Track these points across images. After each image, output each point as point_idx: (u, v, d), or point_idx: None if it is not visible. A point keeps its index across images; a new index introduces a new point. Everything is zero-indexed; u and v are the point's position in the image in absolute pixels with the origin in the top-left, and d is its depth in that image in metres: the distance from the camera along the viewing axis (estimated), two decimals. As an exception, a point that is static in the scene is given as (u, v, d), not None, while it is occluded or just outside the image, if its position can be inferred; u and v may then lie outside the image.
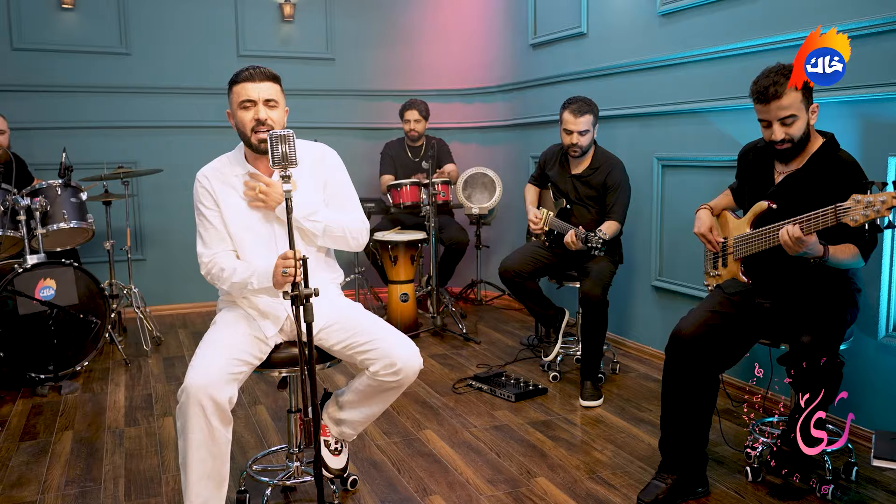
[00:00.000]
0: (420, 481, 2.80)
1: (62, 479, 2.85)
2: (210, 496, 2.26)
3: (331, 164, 2.68)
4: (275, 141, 2.16)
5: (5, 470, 2.94)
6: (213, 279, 2.48)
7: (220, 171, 2.54)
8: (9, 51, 5.12)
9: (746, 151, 2.83)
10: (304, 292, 2.14)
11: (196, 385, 2.19)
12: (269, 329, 2.45)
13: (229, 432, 2.28)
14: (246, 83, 2.46)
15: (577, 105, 3.73)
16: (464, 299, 5.81)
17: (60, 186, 4.18)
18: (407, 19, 6.06)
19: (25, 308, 3.84)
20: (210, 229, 2.49)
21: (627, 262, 4.26)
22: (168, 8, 5.46)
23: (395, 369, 2.39)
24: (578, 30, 4.71)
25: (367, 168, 5.88)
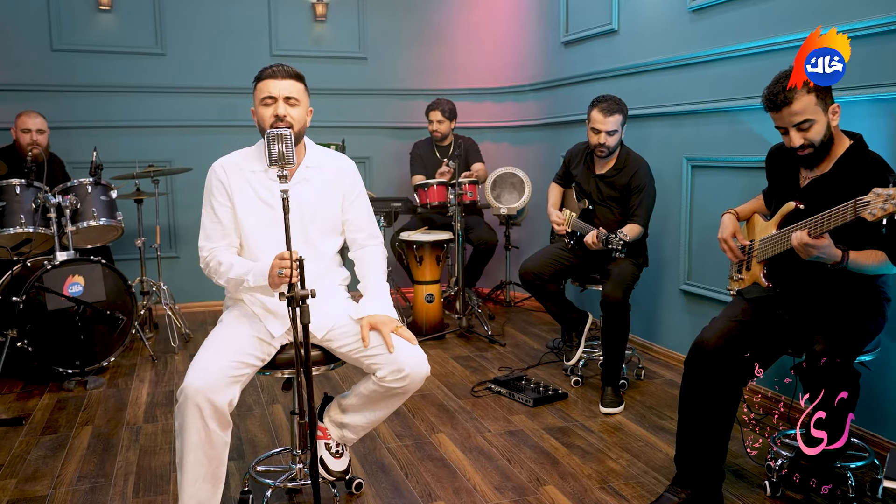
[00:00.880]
0: (426, 486, 2.75)
1: (75, 475, 2.88)
2: (205, 498, 2.25)
3: (350, 177, 2.62)
4: (272, 140, 2.14)
5: (22, 463, 2.99)
6: (211, 272, 2.47)
7: (238, 164, 2.52)
8: (48, 52, 5.24)
9: (773, 153, 2.71)
10: (301, 293, 2.12)
11: (194, 387, 2.17)
12: (277, 329, 2.43)
13: (228, 435, 2.26)
14: (269, 80, 2.45)
15: (606, 104, 3.64)
16: (493, 300, 5.75)
17: (91, 184, 4.25)
18: (439, 18, 6.02)
19: (54, 304, 3.91)
20: (215, 223, 2.48)
21: (655, 265, 4.15)
22: (202, 8, 5.52)
23: (402, 375, 2.36)
24: (609, 27, 4.61)
25: (397, 167, 5.86)
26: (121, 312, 4.11)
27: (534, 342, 4.68)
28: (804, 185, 2.50)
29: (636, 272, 3.64)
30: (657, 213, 3.89)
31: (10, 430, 3.34)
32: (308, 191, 2.50)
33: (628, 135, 4.10)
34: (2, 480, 2.83)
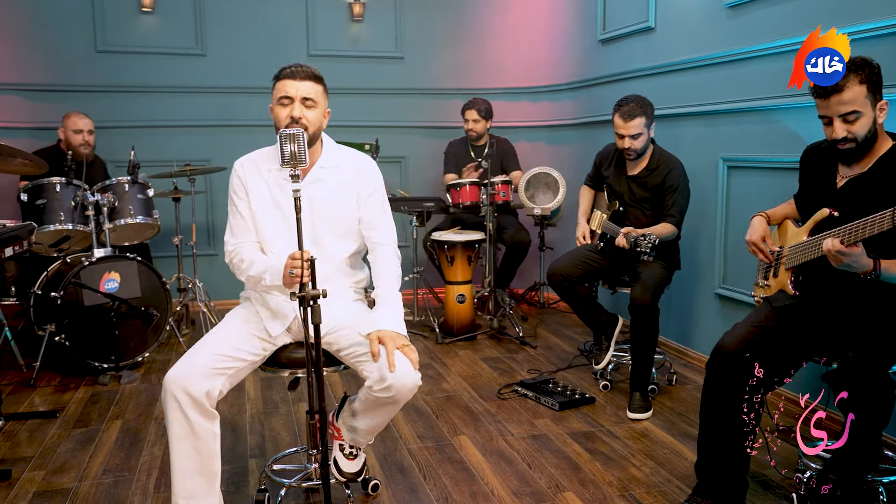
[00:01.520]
0: (443, 489, 2.73)
1: (101, 468, 2.94)
2: (199, 491, 2.27)
3: (365, 176, 2.57)
4: (284, 139, 2.14)
5: (52, 455, 3.06)
6: (234, 269, 2.50)
7: (256, 162, 2.54)
8: (93, 53, 5.37)
9: (808, 153, 2.61)
10: (311, 293, 2.12)
11: (171, 377, 2.21)
12: (275, 328, 2.44)
13: (214, 426, 2.27)
14: (287, 80, 2.45)
15: (627, 108, 3.56)
16: (527, 302, 5.69)
17: (128, 183, 4.34)
18: (476, 17, 5.99)
19: (90, 300, 4.00)
20: (239, 219, 2.51)
21: (689, 268, 4.06)
22: (242, 9, 5.58)
23: (386, 385, 2.27)
24: (646, 24, 4.52)
25: (433, 167, 5.85)
26: (155, 309, 4.19)
27: (566, 345, 4.62)
28: (841, 185, 2.39)
29: (666, 275, 3.56)
30: (692, 215, 3.80)
31: (44, 422, 3.43)
32: (320, 191, 2.49)
33: (663, 134, 4.01)
34: (31, 472, 2.90)
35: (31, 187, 4.16)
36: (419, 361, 2.34)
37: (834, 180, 2.45)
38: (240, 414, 3.52)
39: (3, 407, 3.57)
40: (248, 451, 3.10)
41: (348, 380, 3.95)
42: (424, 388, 3.83)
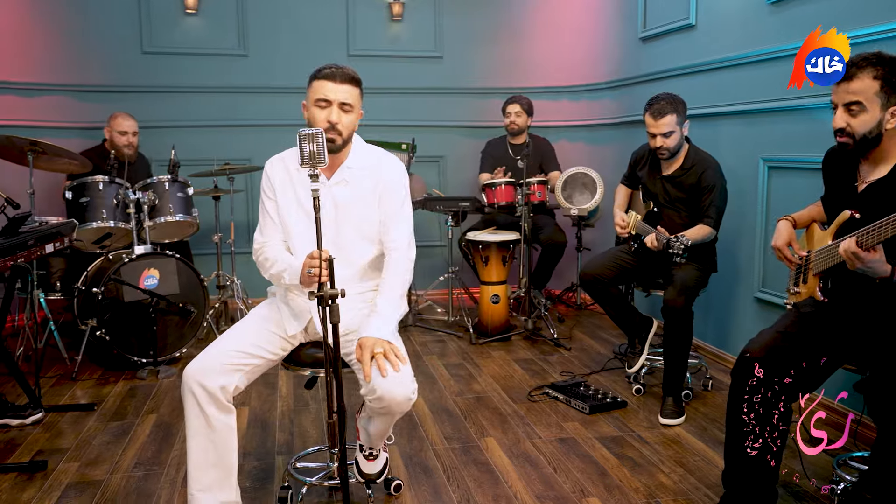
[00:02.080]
0: (466, 491, 2.71)
1: (133, 461, 3.00)
2: (214, 484, 2.29)
3: (389, 178, 2.53)
4: (303, 139, 2.14)
5: (87, 448, 3.14)
6: (259, 266, 2.53)
7: (284, 161, 2.55)
8: (139, 55, 5.49)
9: (830, 154, 2.52)
10: (329, 293, 2.12)
11: (188, 372, 2.25)
12: (293, 327, 2.45)
13: (231, 420, 2.29)
14: (327, 81, 2.44)
15: (657, 106, 3.49)
16: (564, 303, 5.63)
17: (168, 182, 4.43)
18: (515, 16, 5.94)
19: (130, 296, 4.09)
20: (268, 218, 2.53)
21: (728, 271, 3.96)
22: (283, 10, 5.65)
23: (376, 396, 2.23)
24: (687, 21, 4.42)
25: (472, 167, 5.81)
26: (193, 305, 4.26)
27: (601, 347, 4.55)
28: (862, 189, 2.31)
29: (701, 277, 3.47)
30: (731, 216, 3.71)
31: (82, 415, 3.51)
32: (345, 192, 2.49)
33: (702, 134, 3.93)
34: (66, 463, 2.98)
35: (75, 185, 4.27)
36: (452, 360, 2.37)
37: (854, 184, 2.36)
38: (270, 411, 3.56)
39: (45, 399, 3.68)
40: (276, 448, 3.13)
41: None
42: (454, 388, 3.82)
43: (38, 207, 4.57)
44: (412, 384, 2.27)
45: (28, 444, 3.17)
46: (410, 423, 3.35)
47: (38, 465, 2.93)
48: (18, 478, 2.85)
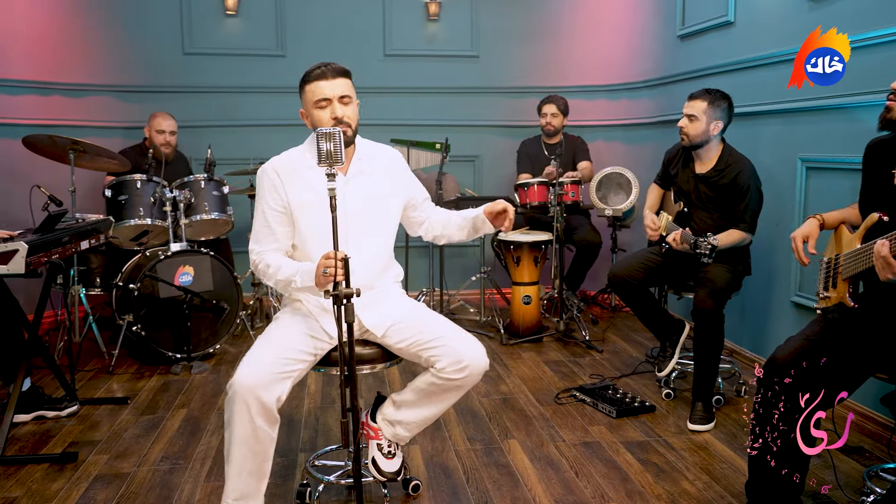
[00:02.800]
0: (484, 493, 2.69)
1: (160, 454, 3.06)
2: (249, 491, 2.31)
3: (402, 167, 2.69)
4: (321, 138, 2.15)
5: (118, 441, 3.21)
6: (260, 274, 2.49)
7: (287, 163, 2.54)
8: (180, 55, 5.60)
9: (871, 147, 2.43)
10: (345, 292, 2.13)
11: (243, 384, 2.22)
12: (333, 327, 2.43)
13: (274, 431, 2.30)
14: (319, 81, 2.47)
15: (696, 91, 3.50)
16: (599, 305, 5.56)
17: (204, 180, 4.50)
18: (553, 14, 5.89)
19: (165, 292, 4.17)
20: (264, 226, 2.50)
21: (764, 274, 3.87)
22: (321, 10, 5.69)
23: (461, 366, 2.36)
24: (725, 18, 4.33)
25: (508, 166, 5.78)
26: (226, 302, 4.32)
27: (633, 350, 4.48)
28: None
29: (732, 280, 3.39)
30: (767, 218, 3.62)
31: (115, 408, 3.59)
32: (366, 184, 2.51)
33: (740, 133, 3.84)
34: (96, 455, 3.05)
35: (114, 183, 4.37)
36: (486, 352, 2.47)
37: (892, 179, 2.26)
38: (298, 408, 3.59)
39: (81, 392, 3.78)
40: (300, 445, 3.15)
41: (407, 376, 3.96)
42: (481, 389, 3.80)
43: (80, 205, 4.70)
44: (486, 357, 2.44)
45: (62, 435, 3.26)
46: (434, 423, 3.29)
47: (69, 456, 3.00)
48: (50, 468, 2.93)
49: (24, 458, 3.01)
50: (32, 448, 3.13)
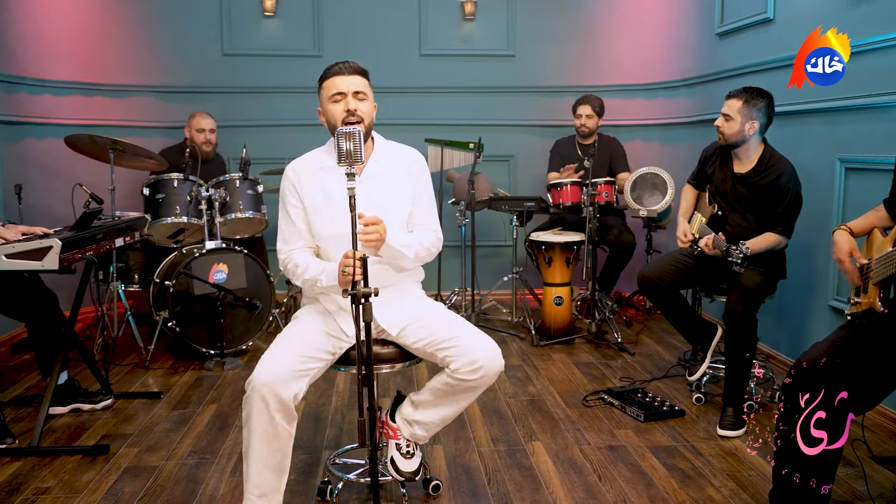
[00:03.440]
0: (505, 495, 2.68)
1: (188, 449, 3.11)
2: (269, 487, 2.33)
3: (419, 172, 2.64)
4: (341, 137, 2.16)
5: (149, 434, 3.27)
6: (289, 274, 2.55)
7: (308, 163, 2.59)
8: (220, 56, 5.69)
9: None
10: (363, 291, 2.13)
11: (261, 381, 2.25)
12: (352, 328, 2.45)
13: (293, 427, 2.32)
14: (335, 77, 2.50)
15: (734, 90, 3.42)
16: (633, 307, 5.48)
17: (239, 179, 4.56)
18: (590, 12, 5.83)
19: (200, 289, 4.24)
20: (290, 225, 2.55)
21: (802, 277, 3.78)
22: (357, 10, 5.73)
23: (476, 367, 2.35)
24: (764, 15, 4.23)
25: (543, 166, 5.74)
26: (259, 300, 4.38)
27: (666, 353, 4.41)
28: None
29: (765, 283, 3.31)
30: (805, 220, 3.52)
31: (148, 402, 3.67)
32: (378, 186, 2.51)
33: (779, 132, 3.75)
34: (127, 448, 3.12)
35: (152, 182, 4.46)
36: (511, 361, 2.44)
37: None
38: (325, 406, 3.62)
39: (117, 386, 3.87)
40: (325, 443, 3.17)
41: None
42: (508, 390, 3.78)
43: (121, 203, 4.82)
44: (500, 357, 2.41)
45: (96, 428, 3.34)
46: (459, 424, 3.34)
47: (100, 448, 3.07)
48: (82, 460, 3.00)
49: (58, 449, 3.10)
50: (67, 440, 3.21)
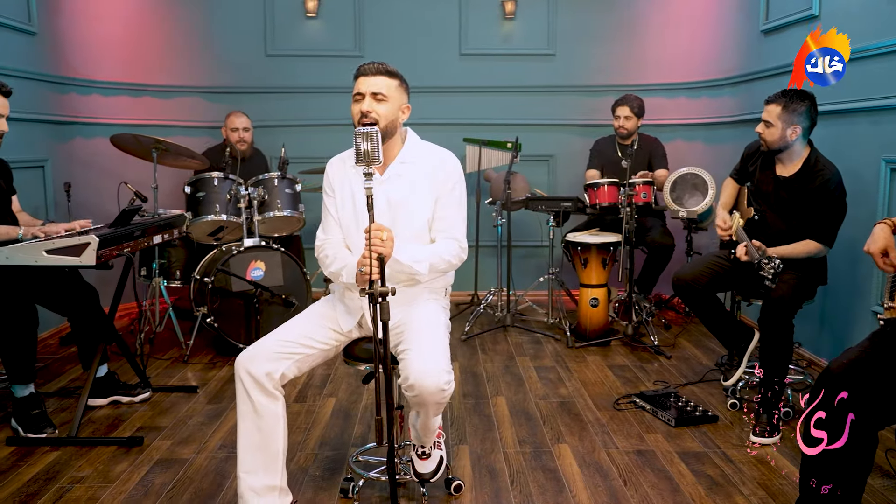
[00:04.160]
0: (528, 497, 2.66)
1: (219, 443, 3.17)
2: (259, 467, 2.37)
3: (447, 176, 2.56)
4: (358, 137, 2.19)
5: (183, 427, 3.34)
6: (321, 263, 2.61)
7: (343, 160, 2.64)
8: (263, 57, 5.78)
9: None
10: (380, 290, 2.15)
11: (239, 359, 2.37)
12: (347, 323, 2.50)
13: (277, 407, 2.36)
14: (360, 77, 2.56)
15: (773, 94, 3.31)
16: (674, 309, 5.39)
17: (278, 178, 4.63)
18: (632, 10, 5.75)
19: (238, 286, 4.32)
20: (328, 216, 2.61)
21: (845, 282, 3.67)
22: (398, 10, 5.76)
23: (409, 384, 2.26)
24: (809, 12, 4.12)
25: (583, 166, 5.69)
26: (295, 297, 4.43)
27: (704, 357, 4.33)
28: None
29: (802, 288, 3.22)
30: (849, 224, 3.41)
31: (185, 396, 3.75)
32: (398, 187, 2.52)
33: (823, 132, 3.64)
34: (160, 440, 3.19)
35: (193, 181, 4.56)
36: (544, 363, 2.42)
37: None
38: (356, 403, 3.65)
39: (156, 380, 3.96)
40: (352, 440, 3.20)
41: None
42: (539, 392, 3.76)
43: (165, 201, 4.93)
44: (445, 374, 2.25)
45: (132, 420, 3.43)
46: (487, 424, 3.33)
47: (135, 440, 3.16)
48: (117, 451, 3.09)
49: (95, 439, 3.19)
50: (105, 431, 3.30)
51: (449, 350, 2.41)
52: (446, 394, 2.27)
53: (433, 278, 2.55)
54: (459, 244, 2.55)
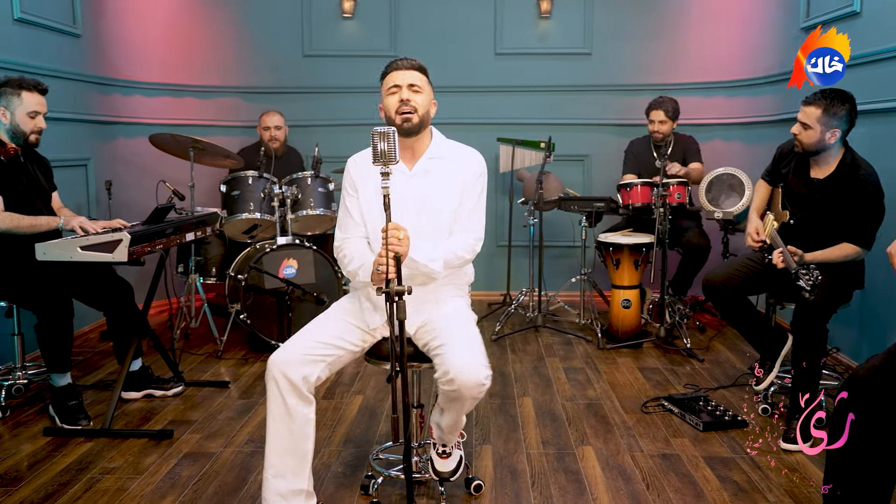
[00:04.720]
0: (547, 499, 2.65)
1: (246, 438, 3.22)
2: (288, 470, 2.38)
3: (470, 174, 2.58)
4: (376, 137, 2.19)
5: (212, 422, 3.41)
6: (340, 262, 2.62)
7: (366, 158, 2.62)
8: (300, 58, 5.86)
9: None
10: (396, 289, 2.16)
11: (273, 361, 2.36)
12: (375, 320, 2.51)
13: (309, 411, 2.38)
14: (393, 72, 2.58)
15: (811, 95, 3.19)
16: (709, 312, 5.29)
17: (311, 177, 4.68)
18: (669, 8, 5.67)
19: (270, 283, 4.38)
20: (346, 216, 2.61)
21: (885, 286, 3.56)
22: (433, 10, 5.78)
23: (448, 378, 2.28)
24: (850, 9, 4.01)
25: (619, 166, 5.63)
26: (326, 295, 4.48)
27: (738, 361, 4.25)
28: None
29: (837, 293, 3.13)
30: (886, 227, 3.31)
31: (216, 391, 3.82)
32: (427, 183, 2.53)
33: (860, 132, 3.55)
34: (190, 434, 3.26)
35: (228, 179, 4.64)
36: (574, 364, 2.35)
37: None
38: (382, 401, 3.67)
39: (189, 374, 4.04)
40: (377, 438, 3.22)
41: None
42: (567, 393, 3.73)
43: (202, 199, 5.03)
44: (485, 370, 2.30)
45: (164, 413, 3.50)
46: (511, 425, 3.33)
47: (165, 433, 3.22)
48: (148, 443, 3.16)
49: (127, 431, 3.27)
50: (137, 423, 3.38)
51: (483, 346, 2.43)
52: (485, 388, 2.31)
53: (447, 274, 2.55)
54: (474, 235, 2.55)
